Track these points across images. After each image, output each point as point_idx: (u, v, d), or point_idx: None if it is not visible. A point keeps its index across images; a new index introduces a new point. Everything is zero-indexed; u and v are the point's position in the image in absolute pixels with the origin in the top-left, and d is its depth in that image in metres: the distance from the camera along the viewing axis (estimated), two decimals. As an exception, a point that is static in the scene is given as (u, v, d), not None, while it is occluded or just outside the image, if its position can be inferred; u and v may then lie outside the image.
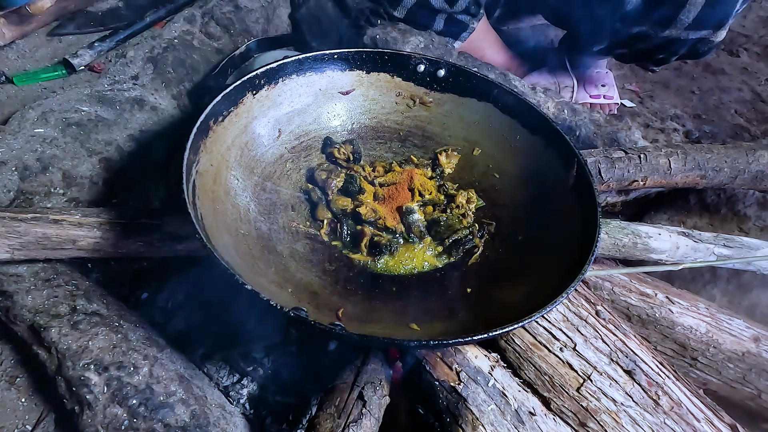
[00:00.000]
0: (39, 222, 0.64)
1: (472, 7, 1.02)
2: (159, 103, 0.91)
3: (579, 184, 0.68)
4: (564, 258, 0.62)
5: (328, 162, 0.79)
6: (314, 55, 0.76)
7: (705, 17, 0.85)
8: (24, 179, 0.74)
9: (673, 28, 0.89)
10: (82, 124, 0.82)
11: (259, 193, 0.72)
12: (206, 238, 0.53)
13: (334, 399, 0.57)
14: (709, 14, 0.85)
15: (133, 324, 0.66)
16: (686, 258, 0.80)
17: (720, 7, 0.84)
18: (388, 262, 0.71)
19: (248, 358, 0.71)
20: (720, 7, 0.84)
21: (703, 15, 0.85)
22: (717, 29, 0.89)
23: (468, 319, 0.62)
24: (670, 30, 0.89)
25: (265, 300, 0.49)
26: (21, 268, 0.67)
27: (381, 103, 0.82)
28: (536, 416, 0.59)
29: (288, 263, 0.67)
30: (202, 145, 0.64)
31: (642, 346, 0.66)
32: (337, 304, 0.62)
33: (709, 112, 1.27)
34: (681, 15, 0.85)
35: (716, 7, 0.84)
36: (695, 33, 0.89)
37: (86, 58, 1.00)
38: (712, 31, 0.89)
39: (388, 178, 0.77)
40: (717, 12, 0.85)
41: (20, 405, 0.65)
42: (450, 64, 0.80)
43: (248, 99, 0.71)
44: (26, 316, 0.64)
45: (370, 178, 0.77)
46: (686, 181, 0.84)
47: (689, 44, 0.92)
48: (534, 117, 0.75)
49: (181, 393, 0.60)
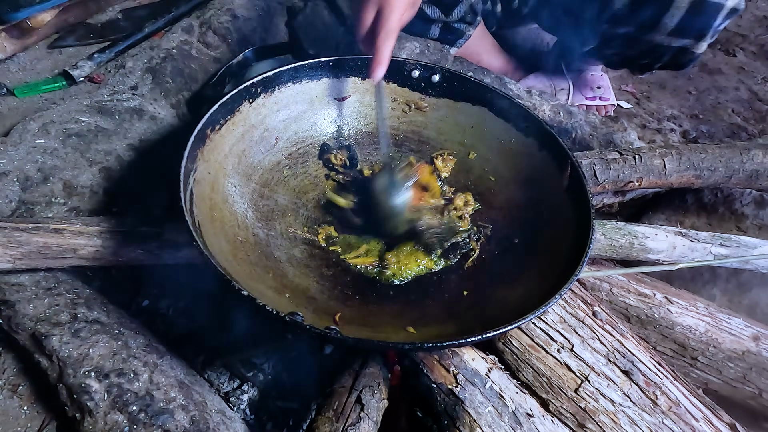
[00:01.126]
0: (40, 231, 0.65)
1: (468, 16, 1.02)
2: (158, 113, 0.93)
3: (573, 185, 0.68)
4: (559, 259, 0.63)
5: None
6: (310, 62, 0.77)
7: (687, 24, 0.88)
8: (25, 189, 0.75)
9: (657, 33, 0.91)
10: (82, 134, 0.83)
11: (256, 200, 0.72)
12: (203, 245, 0.54)
13: (333, 403, 0.58)
14: (690, 21, 0.88)
15: (133, 331, 0.67)
16: (683, 258, 0.80)
17: (701, 17, 0.87)
18: (391, 270, 0.71)
19: (248, 364, 0.71)
20: (701, 17, 0.87)
21: (686, 21, 0.88)
22: (698, 40, 0.92)
23: (465, 321, 0.62)
24: (653, 34, 0.92)
25: (262, 305, 0.49)
26: (23, 277, 0.68)
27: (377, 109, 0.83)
28: (534, 418, 0.59)
29: (286, 269, 0.68)
30: (200, 154, 0.64)
31: (639, 346, 0.66)
32: (335, 309, 0.63)
33: (706, 112, 1.27)
34: (665, 18, 0.88)
35: (697, 15, 0.87)
36: (677, 41, 0.93)
37: (86, 69, 1.02)
38: (693, 41, 0.92)
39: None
40: (698, 21, 0.88)
41: (23, 413, 0.66)
42: (444, 69, 0.80)
43: (245, 107, 0.72)
44: (28, 324, 0.64)
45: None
46: (681, 181, 0.84)
47: (672, 52, 0.95)
48: (528, 120, 0.75)
49: (181, 399, 0.61)
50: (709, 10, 0.86)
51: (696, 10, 0.86)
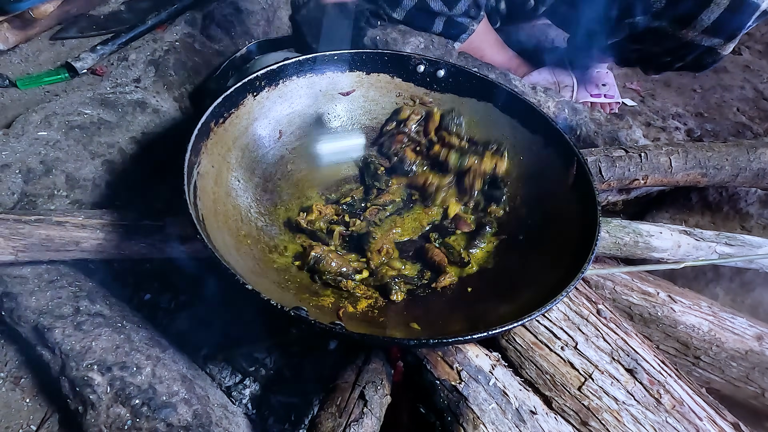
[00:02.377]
0: (42, 224, 0.65)
1: (472, 10, 1.02)
2: (161, 106, 0.92)
3: (579, 182, 0.68)
4: (564, 256, 0.63)
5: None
6: (314, 56, 0.77)
7: (723, 22, 0.87)
8: (28, 182, 0.75)
9: (691, 29, 0.89)
10: (84, 126, 0.83)
11: (260, 194, 0.72)
12: (207, 238, 0.53)
13: (336, 398, 0.57)
14: (727, 20, 0.86)
15: (135, 324, 0.66)
16: (688, 256, 0.79)
17: (738, 15, 0.86)
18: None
19: (250, 359, 0.71)
20: (738, 15, 0.86)
21: (723, 19, 0.86)
22: (728, 40, 0.91)
23: (468, 318, 0.62)
24: (687, 30, 0.90)
25: (266, 300, 0.49)
26: (25, 269, 0.68)
27: (381, 103, 0.83)
28: (537, 415, 0.59)
29: (289, 264, 0.67)
30: (204, 147, 0.64)
31: (643, 344, 0.66)
32: (338, 304, 0.62)
33: (711, 111, 1.27)
34: (703, 14, 0.86)
35: (735, 14, 0.86)
36: (708, 40, 0.91)
37: (89, 61, 1.01)
38: (723, 42, 0.91)
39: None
40: (735, 20, 0.86)
41: (25, 405, 0.66)
42: (450, 64, 0.80)
43: (249, 101, 0.72)
44: (30, 317, 0.64)
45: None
46: (687, 179, 0.84)
47: (699, 51, 0.94)
48: (533, 116, 0.75)
49: (184, 393, 0.60)
50: (747, 9, 0.85)
51: (735, 8, 0.85)
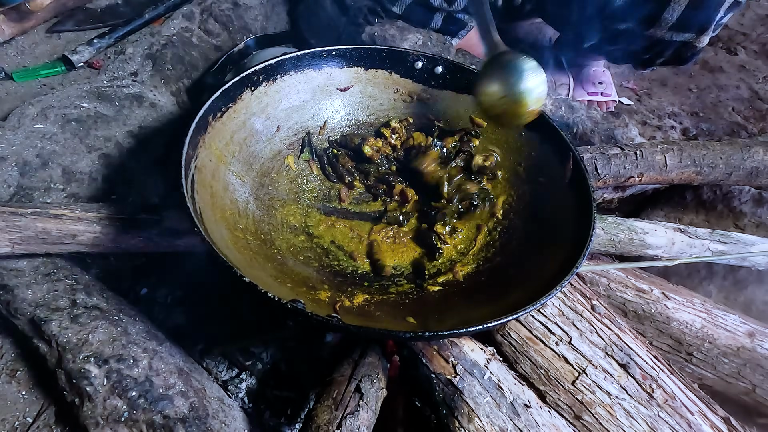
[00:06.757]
0: (39, 217, 0.65)
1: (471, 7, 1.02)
2: (158, 100, 0.92)
3: (574, 178, 0.68)
4: (559, 252, 0.63)
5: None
6: (312, 51, 0.77)
7: (688, 18, 0.87)
8: (24, 175, 0.75)
9: (657, 28, 0.90)
10: (81, 120, 0.83)
11: (257, 188, 0.72)
12: (205, 232, 0.53)
13: (332, 392, 0.58)
14: (691, 16, 0.87)
15: (132, 318, 0.67)
16: (682, 254, 0.80)
17: (702, 11, 0.86)
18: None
19: (247, 353, 0.71)
20: (702, 11, 0.86)
21: (687, 16, 0.87)
22: (700, 34, 0.91)
23: (463, 311, 0.62)
24: (654, 29, 0.91)
25: (263, 292, 0.49)
26: (21, 262, 0.68)
27: (379, 99, 0.83)
28: (531, 409, 0.59)
29: (286, 257, 0.68)
30: (201, 141, 0.64)
31: (637, 340, 0.66)
32: (335, 297, 0.63)
33: (707, 110, 1.27)
34: (665, 13, 0.87)
35: (698, 9, 0.86)
36: (678, 35, 0.92)
37: (85, 54, 1.01)
38: (695, 36, 0.91)
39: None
40: (699, 15, 0.87)
41: (21, 398, 0.66)
42: (447, 60, 0.80)
43: (246, 95, 0.72)
44: (27, 309, 0.64)
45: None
46: (682, 177, 0.84)
47: (674, 47, 0.95)
48: (530, 113, 0.75)
49: (180, 385, 0.61)
50: (711, 3, 0.85)
51: (696, 4, 0.85)
